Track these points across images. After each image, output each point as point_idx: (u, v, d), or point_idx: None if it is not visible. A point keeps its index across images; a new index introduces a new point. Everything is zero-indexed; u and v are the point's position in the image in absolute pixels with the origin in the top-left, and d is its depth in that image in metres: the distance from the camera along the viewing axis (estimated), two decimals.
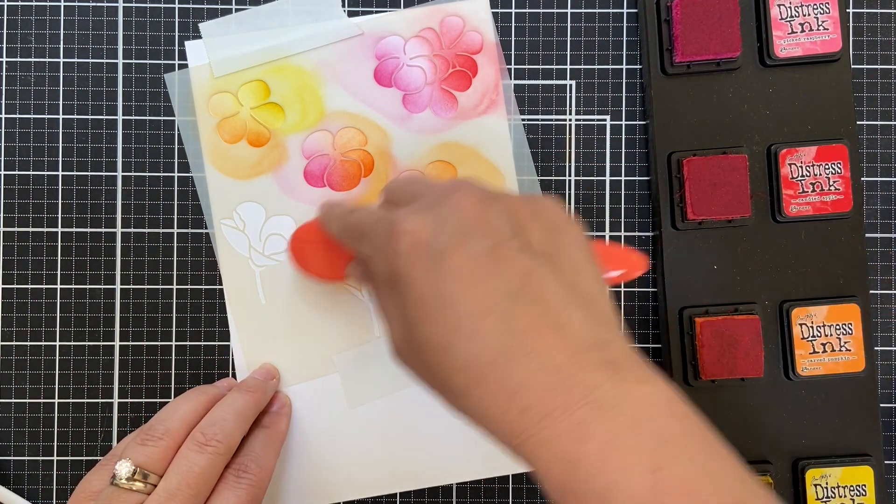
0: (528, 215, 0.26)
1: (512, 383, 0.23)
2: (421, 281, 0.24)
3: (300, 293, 0.39)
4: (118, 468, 0.30)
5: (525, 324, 0.23)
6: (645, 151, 0.40)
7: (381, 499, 0.39)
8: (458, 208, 0.25)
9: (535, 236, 0.26)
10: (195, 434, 0.32)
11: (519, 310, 0.23)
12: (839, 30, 0.37)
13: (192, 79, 0.39)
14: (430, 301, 0.24)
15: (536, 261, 0.25)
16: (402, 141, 0.39)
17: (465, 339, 0.23)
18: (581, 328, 0.24)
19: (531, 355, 0.23)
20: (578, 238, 0.27)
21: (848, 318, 0.37)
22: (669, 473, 0.21)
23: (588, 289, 0.25)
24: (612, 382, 0.22)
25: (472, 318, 0.23)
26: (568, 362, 0.23)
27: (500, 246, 0.25)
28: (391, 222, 0.26)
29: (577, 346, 0.23)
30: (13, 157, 0.39)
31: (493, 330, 0.23)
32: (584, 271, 0.26)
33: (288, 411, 0.38)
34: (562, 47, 0.40)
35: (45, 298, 0.39)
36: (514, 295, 0.24)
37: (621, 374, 0.23)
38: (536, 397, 0.23)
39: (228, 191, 0.39)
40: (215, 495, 0.32)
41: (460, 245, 0.24)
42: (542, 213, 0.27)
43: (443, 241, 0.25)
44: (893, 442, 0.39)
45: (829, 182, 0.38)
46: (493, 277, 0.24)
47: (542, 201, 0.27)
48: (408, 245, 0.25)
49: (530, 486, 0.39)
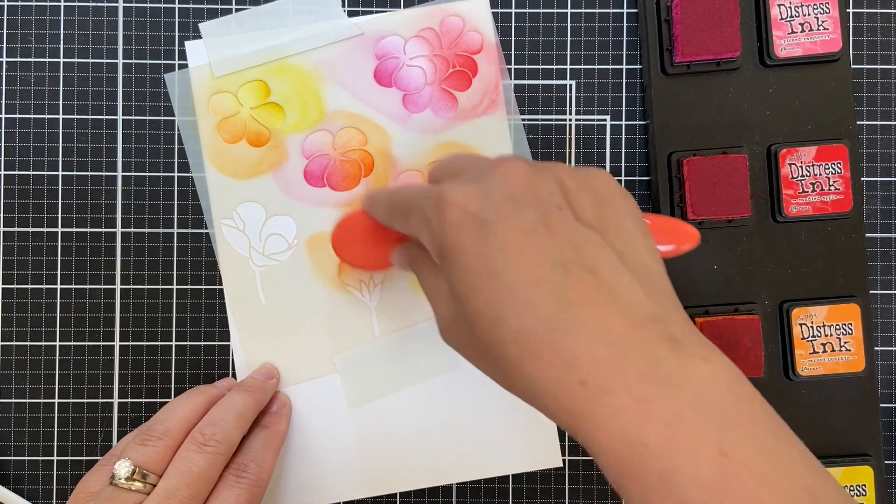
0: (578, 186, 0.25)
1: (567, 355, 0.22)
2: (470, 252, 0.24)
3: (300, 293, 0.39)
4: (117, 468, 0.30)
5: (579, 294, 0.22)
6: (645, 151, 0.40)
7: (381, 499, 0.39)
8: (506, 179, 0.25)
9: (586, 207, 0.25)
10: (194, 434, 0.32)
11: (572, 279, 0.23)
12: (839, 30, 0.37)
13: (192, 79, 0.39)
14: (480, 272, 0.23)
15: (588, 231, 0.24)
16: (403, 141, 0.39)
17: (518, 310, 0.23)
18: (638, 300, 0.23)
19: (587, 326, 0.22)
20: (631, 209, 0.26)
21: (848, 318, 0.37)
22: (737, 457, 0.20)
23: (643, 260, 0.24)
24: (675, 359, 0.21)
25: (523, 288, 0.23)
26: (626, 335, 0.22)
27: (550, 216, 0.24)
28: (438, 195, 0.25)
29: (635, 318, 0.22)
30: (13, 157, 0.39)
31: (546, 300, 0.22)
32: (638, 243, 0.25)
33: (288, 411, 0.38)
34: (562, 47, 0.40)
35: (45, 298, 0.39)
36: (566, 265, 0.23)
37: (683, 349, 0.22)
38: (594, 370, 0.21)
39: (228, 191, 0.39)
40: (215, 495, 0.32)
41: (510, 215, 0.24)
42: (593, 185, 0.26)
43: (491, 211, 0.24)
44: (893, 442, 0.39)
45: (829, 182, 0.38)
46: (544, 247, 0.23)
47: (592, 172, 0.26)
48: (456, 216, 0.24)
49: (530, 486, 0.39)
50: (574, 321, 0.22)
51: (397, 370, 0.39)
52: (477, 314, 0.24)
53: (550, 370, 0.22)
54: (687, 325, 0.23)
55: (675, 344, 0.22)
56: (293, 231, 0.39)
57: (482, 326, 0.24)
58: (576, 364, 0.22)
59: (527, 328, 0.22)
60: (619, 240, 0.25)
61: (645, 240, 0.25)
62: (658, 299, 0.23)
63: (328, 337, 0.39)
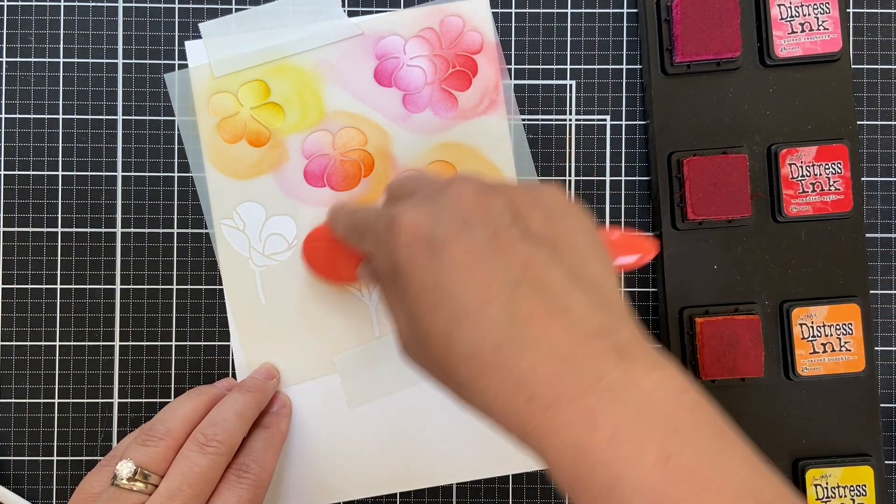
0: (528, 203, 0.26)
1: (518, 371, 0.22)
2: (421, 273, 0.24)
3: (300, 293, 0.39)
4: (119, 468, 0.30)
5: (528, 311, 0.23)
6: (645, 151, 0.40)
7: (381, 499, 0.39)
8: (456, 199, 0.25)
9: (536, 223, 0.25)
10: (196, 435, 0.32)
11: (522, 297, 0.23)
12: (839, 30, 0.37)
13: (192, 79, 0.39)
14: (432, 293, 0.24)
15: (538, 248, 0.24)
16: (402, 141, 0.39)
17: (469, 329, 0.23)
18: (586, 314, 0.23)
19: (536, 342, 0.22)
20: (582, 223, 0.26)
21: (848, 318, 0.37)
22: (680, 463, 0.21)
23: (593, 274, 0.25)
24: (620, 369, 0.22)
25: (474, 307, 0.23)
26: (574, 349, 0.22)
27: (500, 234, 0.24)
28: (390, 216, 0.26)
29: (583, 332, 0.23)
30: (13, 157, 0.39)
31: (496, 318, 0.23)
32: (589, 256, 0.25)
33: (288, 412, 0.38)
34: (562, 47, 0.40)
35: (45, 298, 0.39)
36: (516, 283, 0.23)
37: (630, 360, 0.22)
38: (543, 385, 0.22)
39: (228, 191, 0.39)
40: (216, 495, 0.32)
41: (459, 235, 0.24)
42: (543, 200, 0.26)
43: (441, 231, 0.24)
44: (893, 442, 0.39)
45: (830, 182, 0.38)
46: (494, 266, 0.24)
47: (542, 188, 0.27)
48: (407, 237, 0.25)
49: (530, 486, 0.39)
50: (523, 338, 0.23)
51: (397, 370, 0.39)
52: (430, 334, 0.24)
53: (501, 387, 0.23)
54: (635, 336, 0.24)
55: (622, 354, 0.22)
56: (293, 231, 0.39)
57: (436, 346, 0.24)
58: (525, 380, 0.22)
59: (477, 346, 0.23)
60: (569, 255, 0.25)
61: (597, 253, 0.26)
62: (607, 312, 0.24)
63: (328, 337, 0.39)
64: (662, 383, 0.22)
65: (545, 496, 0.39)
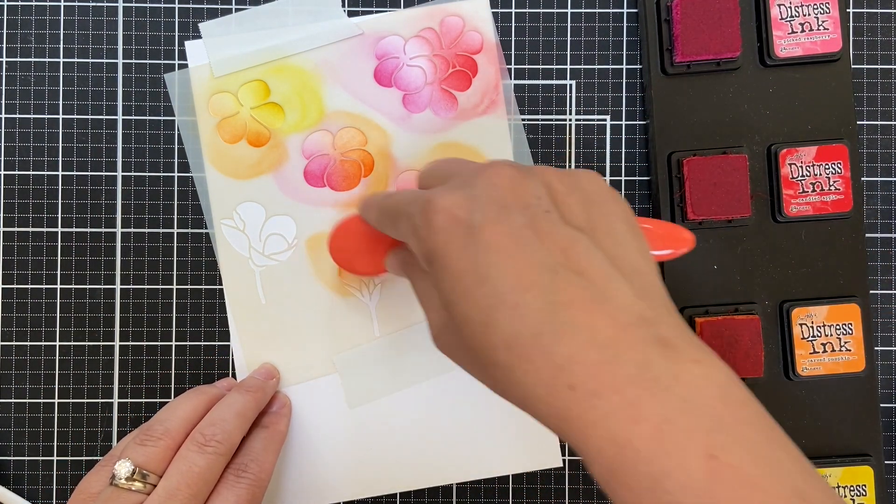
0: (566, 188, 0.25)
1: (557, 359, 0.22)
2: (458, 257, 0.24)
3: (300, 293, 0.39)
4: (117, 468, 0.30)
5: (569, 297, 0.22)
6: (645, 151, 0.40)
7: (381, 499, 0.39)
8: (494, 183, 0.25)
9: (574, 209, 0.25)
10: (195, 434, 0.32)
11: (562, 282, 0.22)
12: (839, 30, 0.37)
13: (192, 79, 0.39)
14: (469, 277, 0.23)
15: (577, 233, 0.24)
16: (402, 141, 0.39)
17: (507, 315, 0.22)
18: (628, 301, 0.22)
19: (576, 329, 0.22)
20: (621, 209, 0.26)
21: (848, 318, 0.37)
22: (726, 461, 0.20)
23: (633, 262, 0.24)
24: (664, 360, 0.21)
25: (512, 292, 0.22)
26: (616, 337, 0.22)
27: (538, 219, 0.24)
28: (425, 200, 0.25)
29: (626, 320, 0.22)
30: (13, 157, 0.39)
31: (536, 304, 0.22)
32: (628, 244, 0.25)
33: (288, 411, 0.38)
34: (562, 47, 0.40)
35: (45, 298, 0.39)
36: (555, 268, 0.23)
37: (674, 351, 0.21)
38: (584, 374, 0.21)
39: (228, 191, 0.39)
40: (215, 495, 0.32)
41: (497, 219, 0.24)
42: (581, 186, 0.26)
43: (479, 215, 0.24)
44: (893, 442, 0.39)
45: (830, 182, 0.38)
46: (533, 250, 0.23)
47: (580, 173, 0.26)
48: (443, 221, 0.24)
49: (530, 486, 0.39)
50: (563, 325, 0.22)
51: (397, 370, 0.39)
52: (466, 320, 0.24)
53: (540, 374, 0.22)
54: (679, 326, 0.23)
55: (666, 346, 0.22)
56: (293, 231, 0.39)
57: (472, 332, 0.23)
58: (566, 368, 0.21)
59: (516, 333, 0.22)
60: (608, 241, 0.24)
61: (636, 241, 0.25)
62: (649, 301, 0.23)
63: (328, 337, 0.39)
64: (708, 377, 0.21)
65: (545, 496, 0.39)
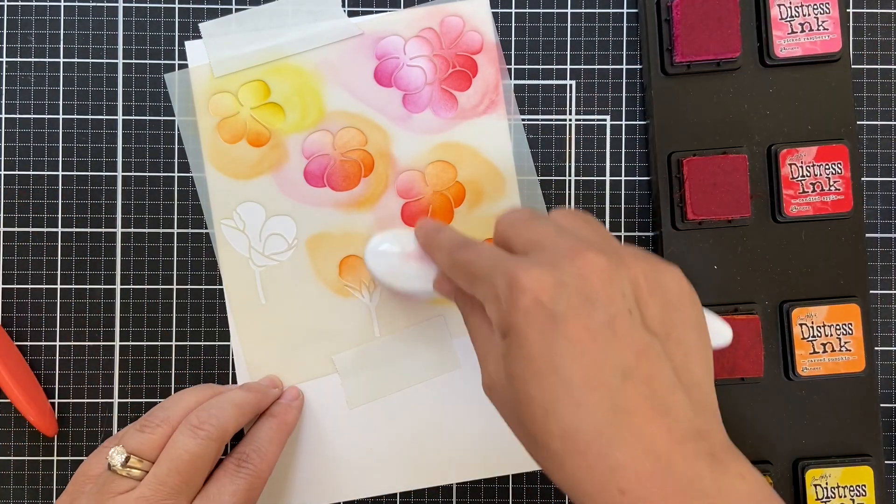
0: (650, 287, 0.26)
1: (612, 461, 0.23)
2: (536, 341, 0.24)
3: (300, 293, 0.39)
4: (111, 455, 0.31)
5: (633, 404, 0.23)
6: (645, 151, 0.40)
7: (381, 499, 0.39)
8: (584, 272, 0.25)
9: (654, 311, 0.25)
10: (190, 418, 0.32)
11: (629, 389, 0.23)
12: (839, 30, 0.37)
13: (192, 79, 0.39)
14: (542, 363, 0.24)
15: (652, 339, 0.25)
16: (402, 141, 0.39)
17: (571, 409, 0.23)
18: (685, 415, 0.24)
19: (635, 437, 0.23)
20: (695, 317, 0.26)
21: (848, 318, 0.37)
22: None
23: (696, 373, 0.25)
24: (713, 475, 0.23)
25: (580, 389, 0.23)
26: (670, 449, 0.23)
27: (619, 319, 0.24)
28: (511, 274, 0.25)
29: (681, 434, 0.23)
30: (13, 157, 0.39)
31: (601, 405, 0.23)
32: (695, 354, 0.26)
33: (299, 404, 0.38)
34: (562, 47, 0.40)
35: (45, 298, 0.39)
36: (625, 372, 0.24)
37: (722, 466, 0.23)
38: (636, 481, 0.23)
39: (228, 191, 0.39)
40: (214, 482, 0.32)
41: (580, 312, 0.24)
42: (664, 285, 0.26)
43: (563, 305, 0.24)
44: (893, 442, 0.39)
45: (830, 182, 0.38)
46: (608, 351, 0.24)
47: (665, 271, 0.27)
48: (528, 303, 0.25)
49: (530, 486, 0.39)
50: (623, 431, 0.23)
51: (397, 370, 0.39)
52: (528, 400, 0.24)
53: (593, 473, 0.23)
54: (726, 439, 0.24)
55: (715, 460, 0.23)
56: (293, 231, 0.39)
57: (531, 414, 0.24)
58: (618, 472, 0.23)
59: (576, 428, 0.23)
60: (678, 350, 0.25)
61: (702, 350, 0.26)
62: (703, 415, 0.24)
63: (328, 337, 0.39)
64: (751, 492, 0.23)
65: (545, 496, 0.39)
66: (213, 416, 0.32)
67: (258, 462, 0.33)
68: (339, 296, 0.39)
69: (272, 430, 0.35)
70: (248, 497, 0.32)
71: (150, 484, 0.30)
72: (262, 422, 0.35)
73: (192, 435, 0.31)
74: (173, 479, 0.30)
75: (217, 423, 0.32)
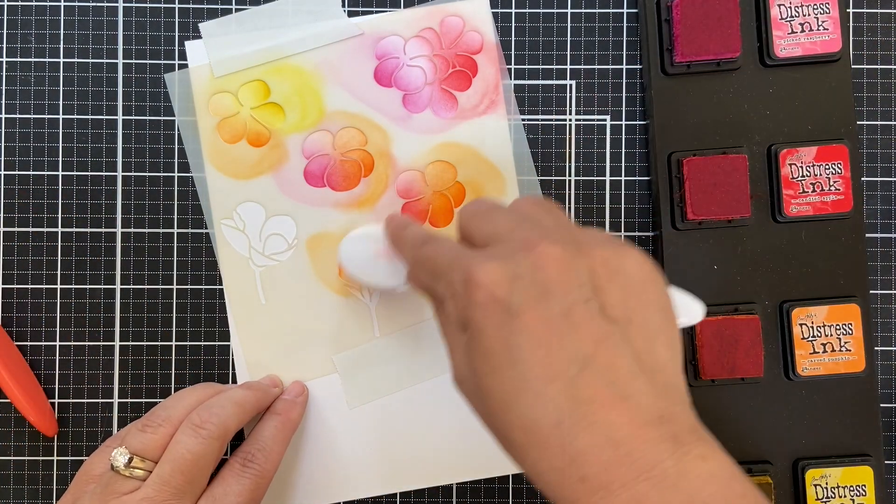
0: (609, 274, 0.25)
1: (572, 451, 0.23)
2: (492, 335, 0.24)
3: (300, 293, 0.39)
4: (114, 456, 0.31)
5: (592, 392, 0.23)
6: (645, 151, 0.40)
7: (381, 499, 0.39)
8: (540, 264, 0.25)
9: (614, 297, 0.25)
10: (192, 416, 0.32)
11: (587, 377, 0.23)
12: (839, 30, 0.37)
13: (192, 79, 0.39)
14: (500, 356, 0.24)
15: (611, 326, 0.24)
16: (402, 141, 0.39)
17: (530, 401, 0.23)
18: (647, 400, 0.23)
19: (595, 426, 0.23)
20: (658, 299, 0.26)
21: (848, 318, 0.37)
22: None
23: (661, 356, 0.25)
24: (673, 458, 0.23)
25: (538, 380, 0.23)
26: (631, 435, 0.23)
27: (576, 308, 0.24)
28: (467, 269, 0.25)
29: (642, 419, 0.23)
30: (13, 157, 0.39)
31: (559, 395, 0.23)
32: (659, 338, 0.25)
33: (303, 400, 0.37)
34: (562, 47, 0.40)
35: (45, 298, 0.39)
36: (584, 361, 0.24)
37: (683, 448, 0.23)
38: (596, 468, 0.23)
39: (228, 191, 0.39)
40: (219, 482, 0.32)
41: (537, 304, 0.24)
42: (625, 269, 0.26)
43: (519, 298, 0.24)
44: (893, 442, 0.39)
45: (830, 182, 0.38)
46: (566, 341, 0.24)
47: (628, 256, 0.26)
48: (483, 297, 0.25)
49: (530, 486, 0.39)
50: (582, 420, 0.23)
51: (397, 370, 0.39)
52: (490, 393, 0.25)
53: (553, 462, 0.23)
54: (691, 422, 0.24)
55: (677, 443, 0.23)
56: (293, 231, 0.39)
57: (493, 407, 0.25)
58: (579, 460, 0.23)
59: (535, 420, 0.23)
60: (640, 335, 0.25)
61: (667, 332, 0.26)
62: (667, 398, 0.24)
63: (328, 337, 0.39)
64: (713, 474, 0.23)
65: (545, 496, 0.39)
66: (215, 414, 0.32)
67: (263, 462, 0.33)
68: (339, 296, 0.39)
69: (276, 428, 0.35)
70: (254, 497, 0.33)
71: (154, 484, 0.30)
72: (266, 420, 0.35)
73: (195, 434, 0.31)
74: (177, 480, 0.30)
75: (218, 421, 0.32)
